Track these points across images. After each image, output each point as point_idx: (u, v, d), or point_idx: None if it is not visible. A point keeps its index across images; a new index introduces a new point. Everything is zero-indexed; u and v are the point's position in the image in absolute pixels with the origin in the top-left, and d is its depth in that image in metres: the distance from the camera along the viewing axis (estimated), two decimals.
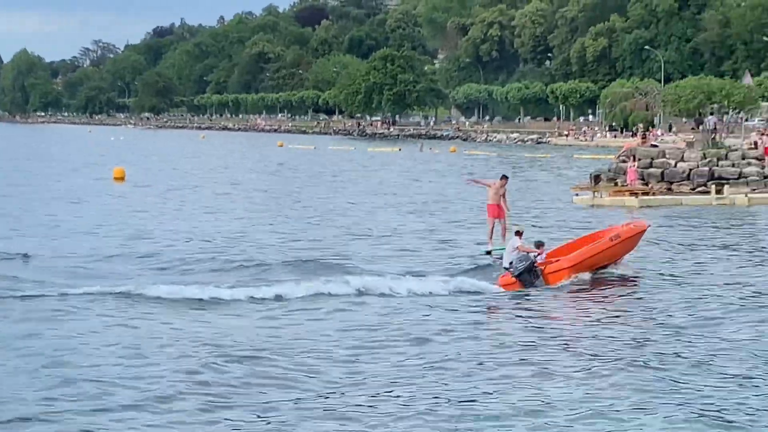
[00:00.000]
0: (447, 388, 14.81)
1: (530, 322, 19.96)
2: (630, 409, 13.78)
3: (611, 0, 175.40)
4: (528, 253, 23.85)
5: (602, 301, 22.20)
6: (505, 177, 30.05)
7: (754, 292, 22.50)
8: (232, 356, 16.60)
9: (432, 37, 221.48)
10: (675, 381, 15.03)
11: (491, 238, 28.67)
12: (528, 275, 23.41)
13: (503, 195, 28.95)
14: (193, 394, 14.54)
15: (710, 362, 16.19)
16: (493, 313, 21.34)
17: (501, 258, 24.82)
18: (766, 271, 25.62)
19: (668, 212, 39.44)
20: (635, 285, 24.10)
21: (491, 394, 14.48)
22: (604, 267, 24.77)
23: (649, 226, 26.91)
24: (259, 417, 13.64)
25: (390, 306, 21.37)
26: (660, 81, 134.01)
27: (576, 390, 14.65)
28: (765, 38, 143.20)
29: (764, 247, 30.55)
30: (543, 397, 14.34)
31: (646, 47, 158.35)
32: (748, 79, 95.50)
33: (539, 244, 24.57)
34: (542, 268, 23.71)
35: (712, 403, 13.99)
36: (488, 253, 27.92)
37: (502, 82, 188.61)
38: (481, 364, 16.25)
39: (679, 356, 16.57)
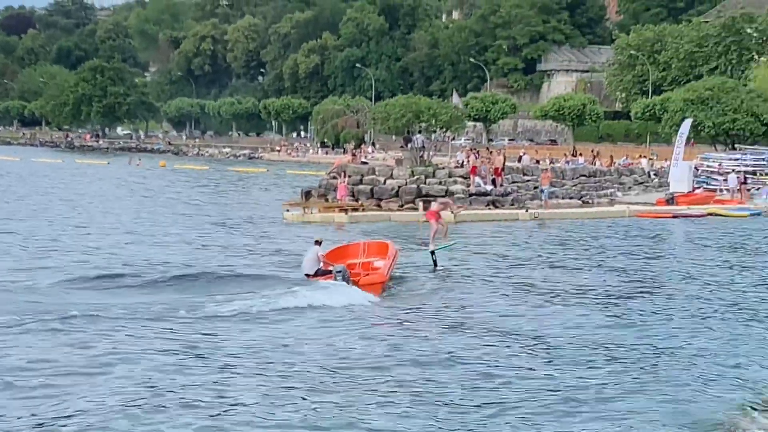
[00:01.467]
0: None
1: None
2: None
3: (323, 18, 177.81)
4: (334, 263, 25.23)
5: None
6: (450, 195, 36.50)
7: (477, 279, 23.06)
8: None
9: (143, 50, 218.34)
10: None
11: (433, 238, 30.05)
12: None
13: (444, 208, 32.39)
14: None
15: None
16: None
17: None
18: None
19: (377, 228, 39.69)
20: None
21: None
22: None
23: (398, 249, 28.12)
24: None
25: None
26: (371, 99, 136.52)
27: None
28: (471, 60, 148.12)
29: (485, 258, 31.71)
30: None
31: (358, 65, 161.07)
32: (455, 99, 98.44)
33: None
34: (356, 280, 24.70)
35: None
36: (432, 253, 29.32)
37: (215, 97, 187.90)
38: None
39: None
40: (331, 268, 25.09)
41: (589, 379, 16.18)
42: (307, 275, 25.17)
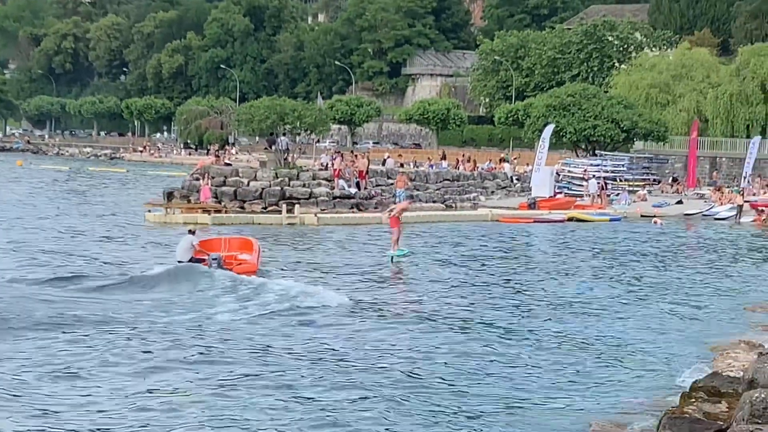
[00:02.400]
0: None
1: None
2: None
3: (188, 18, 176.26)
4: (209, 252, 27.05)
5: None
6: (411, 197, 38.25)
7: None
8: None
9: (2, 47, 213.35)
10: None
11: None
12: None
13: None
14: None
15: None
16: None
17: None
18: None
19: (241, 230, 39.31)
20: None
21: None
22: None
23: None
24: None
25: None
26: (235, 100, 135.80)
27: None
28: (337, 62, 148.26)
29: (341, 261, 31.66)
30: None
31: (222, 66, 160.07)
32: (320, 102, 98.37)
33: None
34: (229, 268, 26.36)
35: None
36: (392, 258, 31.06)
37: (76, 95, 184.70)
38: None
39: None
40: (205, 256, 26.72)
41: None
42: (180, 262, 26.73)
